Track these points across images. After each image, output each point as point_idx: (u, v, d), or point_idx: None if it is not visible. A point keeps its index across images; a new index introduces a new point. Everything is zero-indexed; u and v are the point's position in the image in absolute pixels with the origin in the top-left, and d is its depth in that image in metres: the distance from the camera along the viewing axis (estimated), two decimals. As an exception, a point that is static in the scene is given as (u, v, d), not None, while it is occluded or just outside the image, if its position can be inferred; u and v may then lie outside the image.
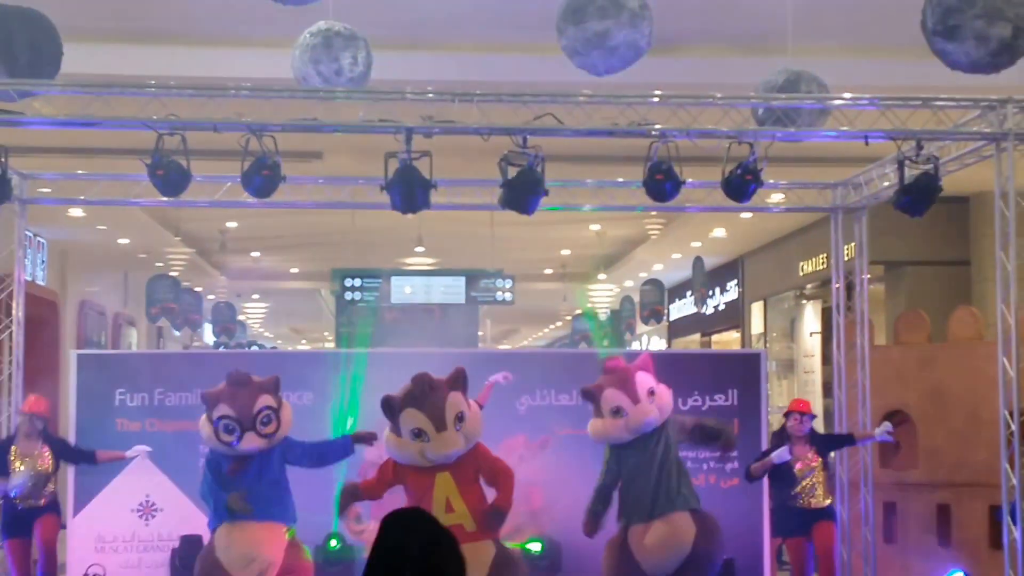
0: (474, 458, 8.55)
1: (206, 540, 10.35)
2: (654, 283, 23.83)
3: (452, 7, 9.69)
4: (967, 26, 7.59)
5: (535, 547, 10.47)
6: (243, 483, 8.80)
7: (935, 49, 7.87)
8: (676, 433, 9.03)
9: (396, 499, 9.39)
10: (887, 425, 10.00)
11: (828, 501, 9.91)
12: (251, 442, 8.77)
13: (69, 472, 10.49)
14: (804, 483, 9.72)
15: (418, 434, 8.39)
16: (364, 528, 10.42)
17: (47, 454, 9.73)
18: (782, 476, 9.74)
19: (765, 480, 10.62)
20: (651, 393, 8.91)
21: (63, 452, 9.90)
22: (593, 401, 9.02)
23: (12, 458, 9.62)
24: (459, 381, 8.58)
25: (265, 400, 8.86)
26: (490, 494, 8.66)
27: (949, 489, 11.14)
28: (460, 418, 8.39)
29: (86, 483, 10.54)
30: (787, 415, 9.90)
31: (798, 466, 9.69)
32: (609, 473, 9.05)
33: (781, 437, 9.91)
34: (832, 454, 10.58)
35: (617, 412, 8.85)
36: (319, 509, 9.69)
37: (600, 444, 9.21)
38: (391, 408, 8.52)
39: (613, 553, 8.97)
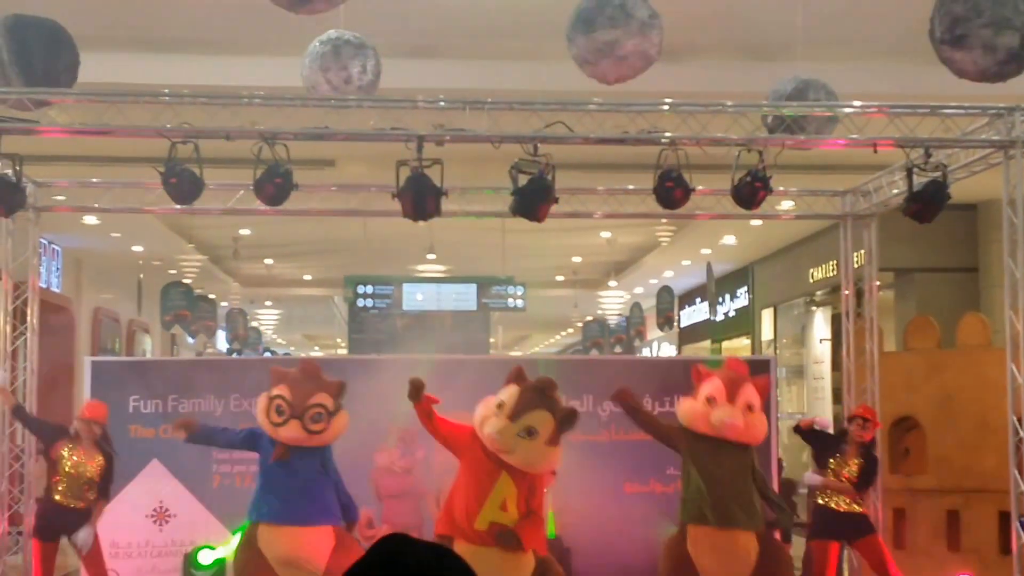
0: (533, 483, 8.30)
1: (219, 546, 10.45)
2: (667, 290, 23.92)
3: (463, 16, 9.75)
4: (975, 35, 7.64)
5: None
6: (294, 478, 8.82)
7: (943, 58, 7.91)
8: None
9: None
10: None
11: (863, 508, 9.77)
12: (293, 430, 8.73)
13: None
14: (837, 486, 9.59)
15: (500, 404, 8.25)
16: (375, 533, 10.49)
17: (99, 458, 9.40)
18: (820, 471, 9.69)
19: (775, 486, 10.61)
20: (749, 407, 8.75)
21: (107, 470, 9.51)
22: (696, 382, 8.92)
23: (64, 457, 9.30)
24: (564, 417, 8.24)
25: (322, 398, 8.84)
26: None
27: (958, 495, 11.16)
28: (529, 432, 8.25)
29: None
30: (851, 420, 9.83)
31: (843, 473, 9.60)
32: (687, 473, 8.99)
33: (839, 439, 9.84)
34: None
35: (710, 401, 8.68)
36: None
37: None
38: (512, 376, 8.43)
39: (672, 555, 8.76)
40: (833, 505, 9.60)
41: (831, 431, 10.18)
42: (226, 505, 10.62)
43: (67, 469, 9.31)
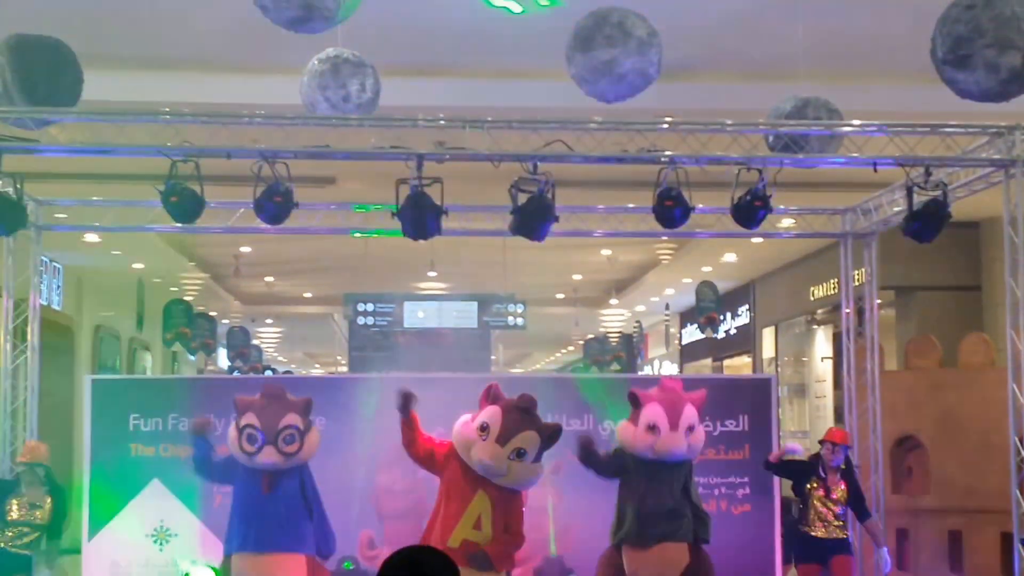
0: (510, 500, 8.40)
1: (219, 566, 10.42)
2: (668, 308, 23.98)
3: (463, 34, 9.76)
4: (977, 55, 7.62)
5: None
6: (272, 503, 8.79)
7: (945, 78, 7.90)
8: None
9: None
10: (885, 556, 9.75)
11: (845, 535, 9.74)
12: (269, 456, 8.76)
13: (84, 495, 10.49)
14: (823, 512, 9.57)
15: (483, 427, 8.31)
16: (377, 554, 10.45)
17: (47, 501, 9.49)
18: (801, 498, 9.66)
19: (777, 506, 10.58)
20: (690, 428, 8.87)
21: (58, 511, 9.61)
22: (634, 406, 8.97)
23: (13, 506, 9.36)
24: (550, 435, 8.39)
25: (292, 419, 8.87)
26: None
27: (961, 515, 11.13)
28: (520, 454, 8.27)
29: (100, 507, 10.55)
30: (822, 443, 9.83)
31: (820, 492, 9.57)
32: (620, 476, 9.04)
33: (813, 465, 9.77)
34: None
35: (652, 429, 8.75)
36: (336, 531, 9.65)
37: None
38: (489, 395, 8.47)
39: (607, 570, 8.93)
40: (814, 533, 9.57)
41: (801, 456, 10.19)
42: (227, 524, 10.60)
43: (14, 517, 9.33)
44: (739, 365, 24.46)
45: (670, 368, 30.35)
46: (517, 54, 10.11)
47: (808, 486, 9.59)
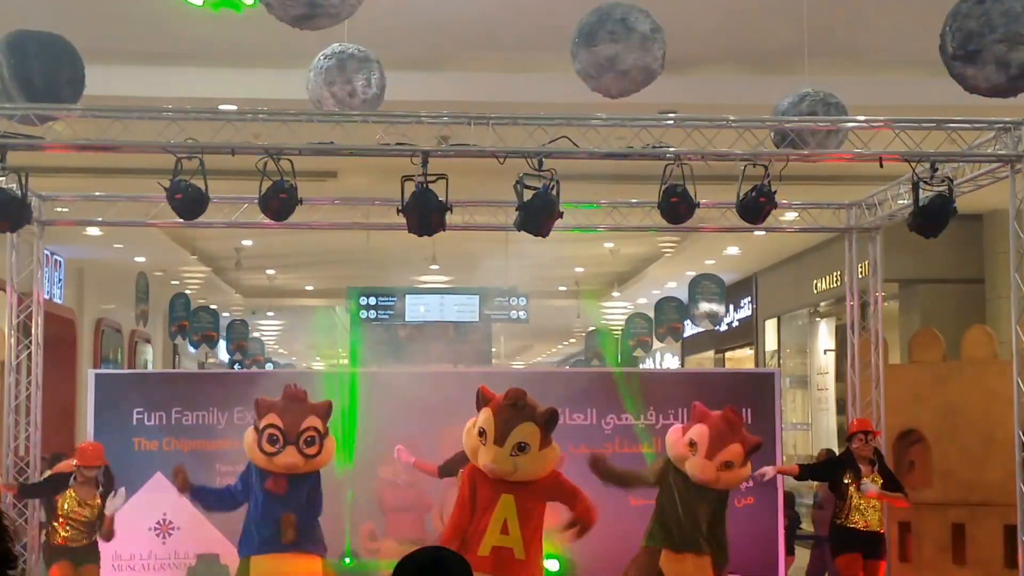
0: (545, 487, 8.35)
1: (222, 559, 10.43)
2: (672, 300, 23.87)
3: (467, 29, 9.75)
4: (988, 51, 7.59)
5: (552, 565, 10.41)
6: (289, 506, 8.79)
7: (955, 74, 7.87)
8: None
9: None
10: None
11: (882, 527, 9.74)
12: (290, 456, 8.76)
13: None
14: (862, 505, 9.60)
15: (481, 432, 8.32)
16: (378, 546, 10.46)
17: (96, 501, 9.44)
18: (839, 494, 9.73)
19: (780, 499, 10.60)
20: (727, 464, 8.76)
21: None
22: (692, 417, 8.99)
23: (61, 501, 9.34)
24: (546, 420, 8.30)
25: (314, 421, 8.89)
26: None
27: (964, 508, 11.13)
28: (521, 448, 8.30)
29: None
30: (850, 438, 9.81)
31: (855, 486, 9.59)
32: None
33: (844, 461, 9.81)
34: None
35: (692, 445, 8.74)
36: (331, 527, 9.65)
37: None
38: (479, 399, 8.44)
39: (641, 572, 8.92)
40: (852, 525, 9.64)
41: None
42: (229, 518, 10.60)
43: (65, 511, 9.32)
44: (741, 357, 24.47)
45: (671, 360, 30.36)
46: (521, 50, 10.09)
47: (845, 481, 9.64)
